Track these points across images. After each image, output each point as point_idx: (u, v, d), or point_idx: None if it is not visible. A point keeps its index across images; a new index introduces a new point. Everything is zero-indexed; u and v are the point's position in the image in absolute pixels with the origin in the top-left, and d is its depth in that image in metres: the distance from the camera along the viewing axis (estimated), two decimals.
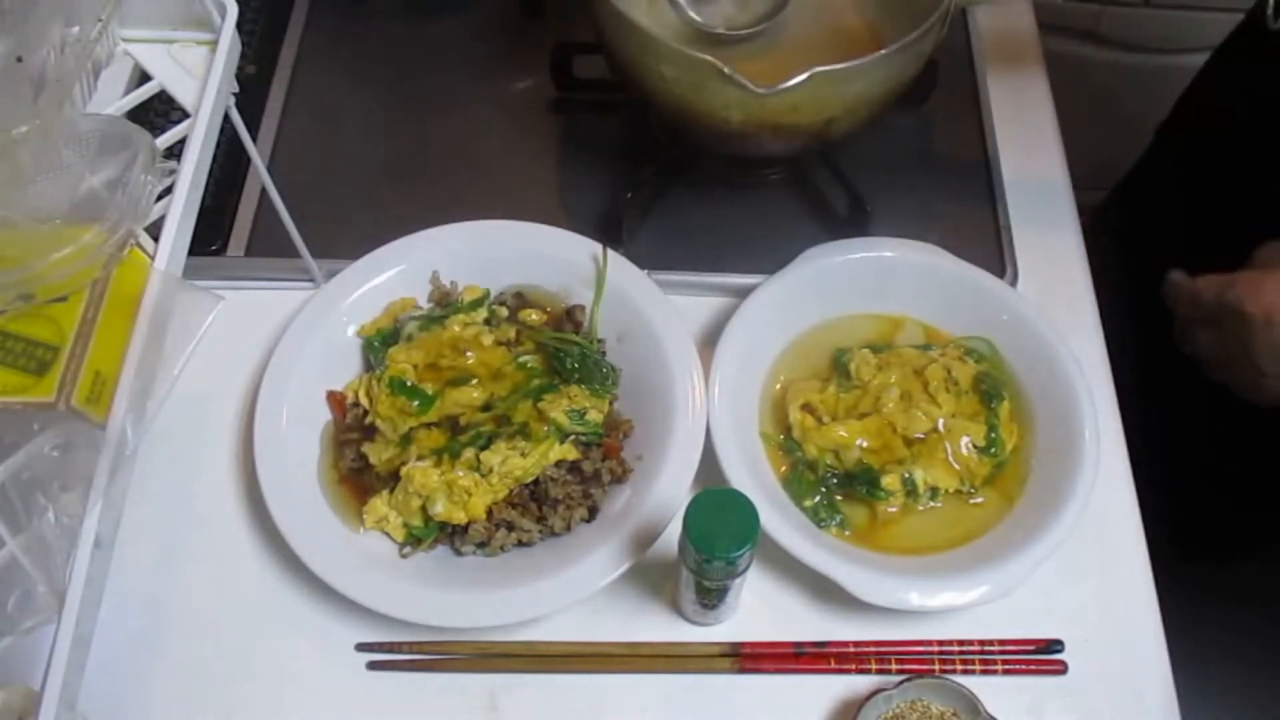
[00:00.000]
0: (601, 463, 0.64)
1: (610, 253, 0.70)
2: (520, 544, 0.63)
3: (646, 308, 0.68)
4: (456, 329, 0.67)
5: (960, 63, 0.86)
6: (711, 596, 0.58)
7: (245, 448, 0.66)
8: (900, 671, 0.60)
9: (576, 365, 0.66)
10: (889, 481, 0.63)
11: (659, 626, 0.63)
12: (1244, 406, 0.64)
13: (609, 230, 0.74)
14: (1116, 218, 0.96)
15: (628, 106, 0.82)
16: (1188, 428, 0.84)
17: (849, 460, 0.64)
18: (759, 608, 0.63)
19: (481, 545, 0.63)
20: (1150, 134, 0.93)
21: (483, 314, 0.69)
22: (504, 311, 0.69)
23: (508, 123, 0.84)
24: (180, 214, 0.51)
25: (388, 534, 0.63)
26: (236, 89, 0.57)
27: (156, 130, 0.52)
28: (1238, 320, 0.62)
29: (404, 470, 0.63)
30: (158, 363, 0.49)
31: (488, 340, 0.67)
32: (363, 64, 0.87)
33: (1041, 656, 0.62)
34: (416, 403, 0.64)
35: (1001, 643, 0.62)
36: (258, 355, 0.69)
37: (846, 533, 0.64)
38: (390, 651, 0.62)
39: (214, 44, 0.55)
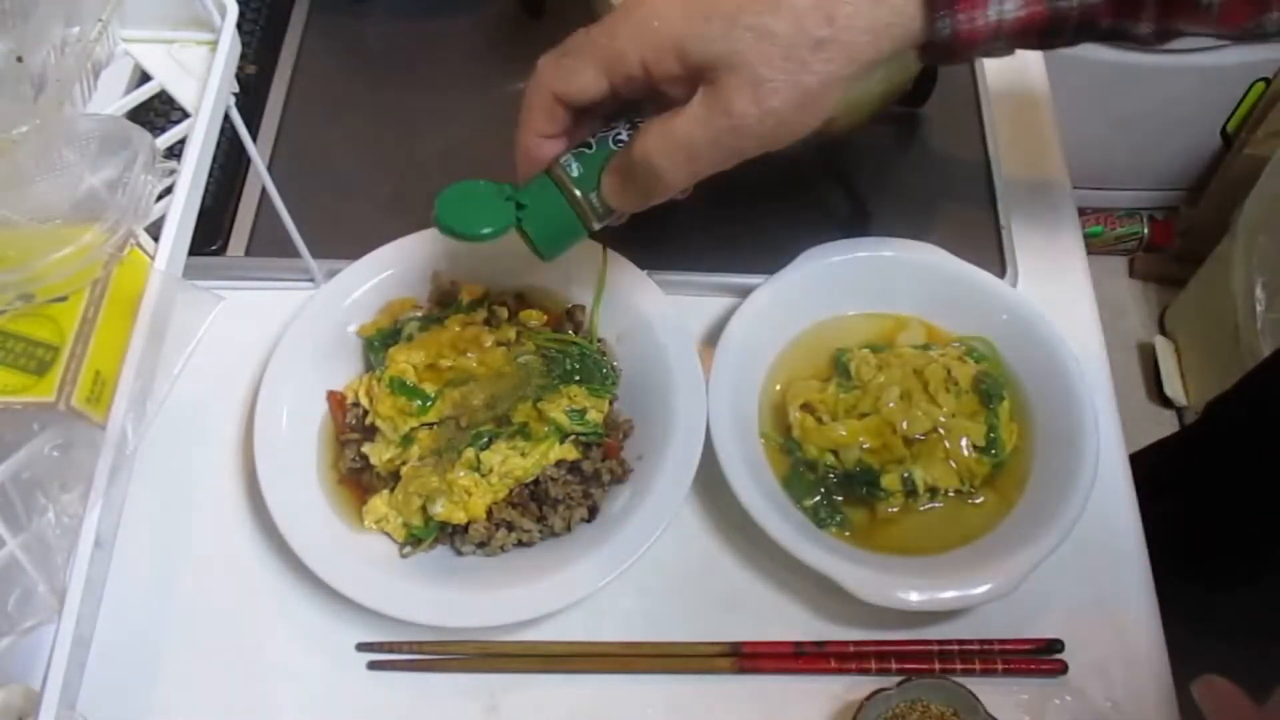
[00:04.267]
0: (601, 463, 0.64)
1: (610, 253, 0.70)
2: (520, 544, 0.63)
3: (646, 308, 0.68)
4: (456, 329, 0.67)
5: None
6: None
7: (245, 448, 0.66)
8: (900, 671, 0.60)
9: (576, 365, 0.66)
10: (889, 481, 0.63)
11: (659, 626, 0.63)
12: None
13: (608, 230, 0.74)
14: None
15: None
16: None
17: (849, 460, 0.64)
18: (759, 608, 0.63)
19: (481, 545, 0.63)
20: (1150, 135, 0.94)
21: (483, 314, 0.69)
22: (504, 312, 0.69)
23: (508, 123, 0.83)
24: (180, 214, 0.51)
25: (388, 534, 0.63)
26: (236, 89, 0.57)
27: (156, 130, 0.52)
28: None
29: (404, 470, 0.63)
30: (158, 363, 0.48)
31: (488, 340, 0.67)
32: (363, 64, 0.87)
33: (1041, 656, 0.62)
34: (417, 403, 0.64)
35: (1001, 643, 0.62)
36: (258, 355, 0.69)
37: (846, 533, 0.64)
38: (390, 651, 0.62)
39: (214, 44, 0.55)
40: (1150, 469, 0.68)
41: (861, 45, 0.44)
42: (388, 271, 0.70)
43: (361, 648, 0.62)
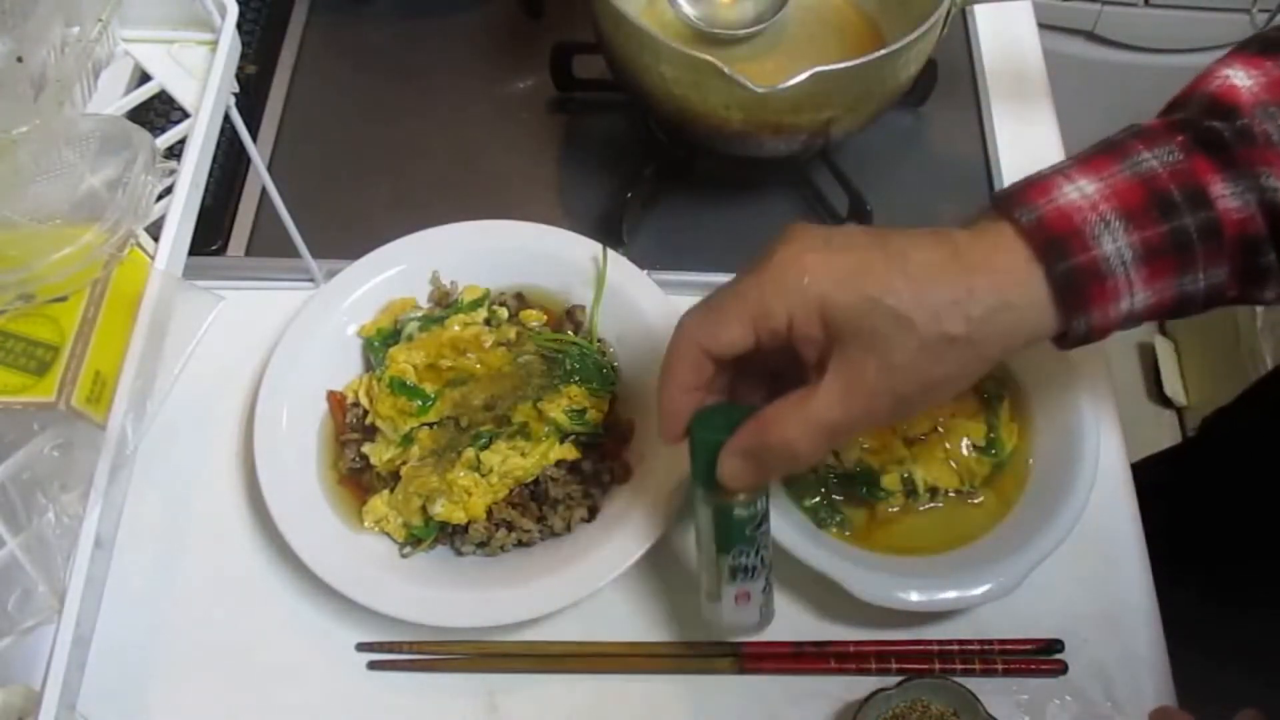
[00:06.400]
0: (602, 463, 0.64)
1: (610, 253, 0.70)
2: (520, 544, 0.63)
3: (646, 308, 0.68)
4: (456, 329, 0.67)
5: (960, 63, 0.86)
6: (746, 571, 0.54)
7: (245, 448, 0.66)
8: (900, 671, 0.60)
9: (576, 365, 0.66)
10: (889, 481, 0.63)
11: (659, 626, 0.63)
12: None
13: (609, 230, 0.74)
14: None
15: (628, 106, 0.82)
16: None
17: (849, 460, 0.64)
18: None
19: (481, 545, 0.63)
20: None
21: (483, 314, 0.69)
22: (504, 312, 0.69)
23: (508, 123, 0.84)
24: (180, 214, 0.51)
25: (388, 534, 0.63)
26: (236, 89, 0.57)
27: (156, 130, 0.52)
28: None
29: (404, 470, 0.63)
30: (158, 363, 0.48)
31: (488, 340, 0.67)
32: (363, 64, 0.88)
33: (1041, 656, 0.62)
34: (417, 403, 0.64)
35: (1001, 643, 0.62)
36: (258, 355, 0.69)
37: (846, 533, 0.64)
38: (390, 651, 0.62)
39: (214, 44, 0.55)
40: (1146, 482, 0.68)
41: (992, 345, 0.46)
42: (388, 271, 0.70)
43: (361, 648, 0.62)
